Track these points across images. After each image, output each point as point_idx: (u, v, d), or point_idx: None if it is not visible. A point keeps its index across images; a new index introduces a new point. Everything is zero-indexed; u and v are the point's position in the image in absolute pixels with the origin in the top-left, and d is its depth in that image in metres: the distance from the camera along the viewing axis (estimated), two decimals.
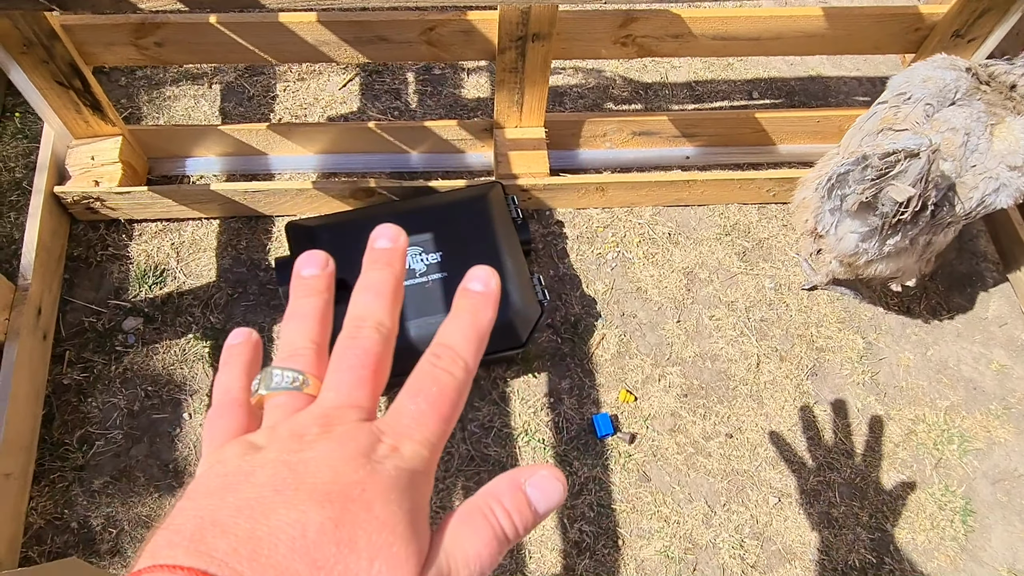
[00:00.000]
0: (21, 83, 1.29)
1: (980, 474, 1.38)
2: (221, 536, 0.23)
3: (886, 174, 1.05)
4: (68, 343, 1.38)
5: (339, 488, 0.25)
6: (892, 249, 1.17)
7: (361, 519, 0.25)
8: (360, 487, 0.26)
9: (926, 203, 1.07)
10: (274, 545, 0.23)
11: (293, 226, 1.35)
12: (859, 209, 1.13)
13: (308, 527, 0.24)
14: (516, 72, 1.38)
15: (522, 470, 0.30)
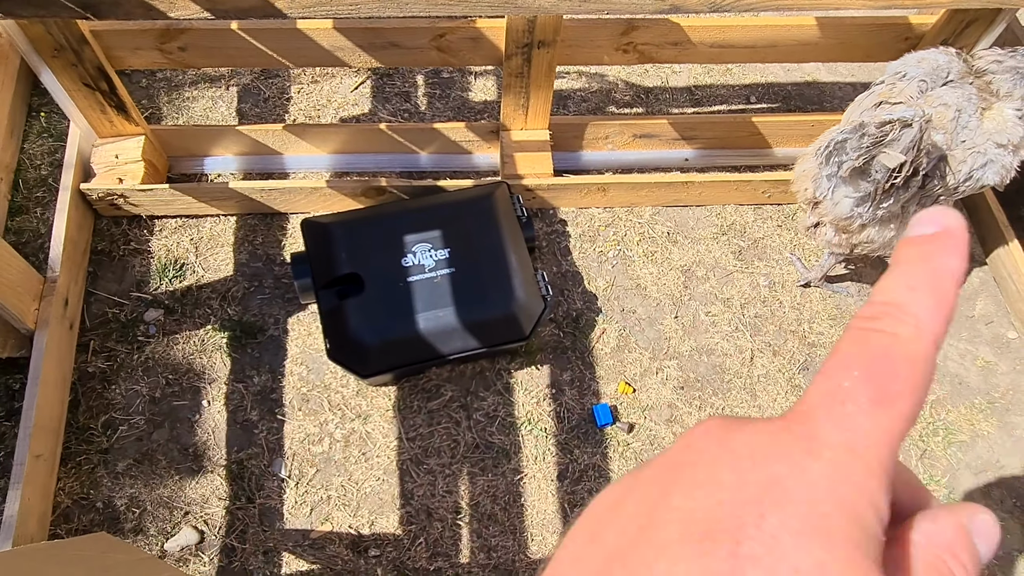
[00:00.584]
0: (50, 84, 1.36)
1: (963, 465, 1.44)
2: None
3: (880, 141, 1.12)
4: (93, 333, 1.45)
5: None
6: (885, 213, 1.23)
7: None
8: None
9: (917, 169, 1.14)
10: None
11: (308, 223, 1.42)
12: (853, 175, 1.19)
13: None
14: (522, 77, 1.44)
15: (961, 510, 0.22)
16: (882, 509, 0.18)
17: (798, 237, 1.65)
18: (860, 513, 0.17)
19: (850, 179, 1.21)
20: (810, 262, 1.61)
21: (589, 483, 1.38)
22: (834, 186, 1.25)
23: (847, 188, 1.23)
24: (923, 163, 1.14)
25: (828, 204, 1.27)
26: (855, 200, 1.23)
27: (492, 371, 1.46)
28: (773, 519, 0.17)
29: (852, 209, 1.25)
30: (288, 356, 1.45)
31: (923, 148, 1.12)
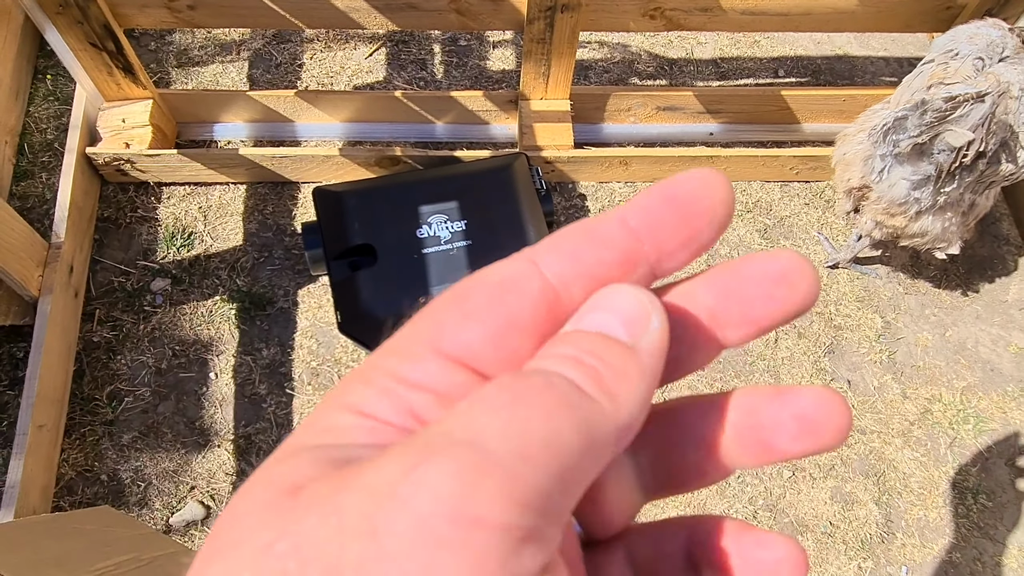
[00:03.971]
0: (56, 43, 1.31)
1: (995, 454, 1.39)
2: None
3: (946, 118, 1.05)
4: (98, 302, 1.41)
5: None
6: (945, 199, 1.16)
7: None
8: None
9: (985, 151, 1.07)
10: None
11: (320, 191, 1.37)
12: (912, 154, 1.12)
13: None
14: (544, 43, 1.38)
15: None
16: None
17: (826, 216, 1.59)
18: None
19: (908, 158, 1.14)
20: (839, 242, 1.55)
21: None
22: (889, 167, 1.18)
23: (904, 169, 1.16)
24: (990, 144, 1.07)
25: (882, 187, 1.20)
26: (913, 183, 1.17)
27: None
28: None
29: (908, 193, 1.18)
30: (298, 329, 1.41)
31: (992, 127, 1.05)
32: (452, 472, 0.13)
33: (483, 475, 0.13)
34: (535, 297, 0.17)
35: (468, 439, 0.14)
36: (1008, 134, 1.10)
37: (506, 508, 0.13)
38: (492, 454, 0.13)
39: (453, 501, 0.13)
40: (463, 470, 0.13)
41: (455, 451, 0.14)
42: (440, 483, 0.13)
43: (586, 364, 0.16)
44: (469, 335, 0.16)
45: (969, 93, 1.04)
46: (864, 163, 1.22)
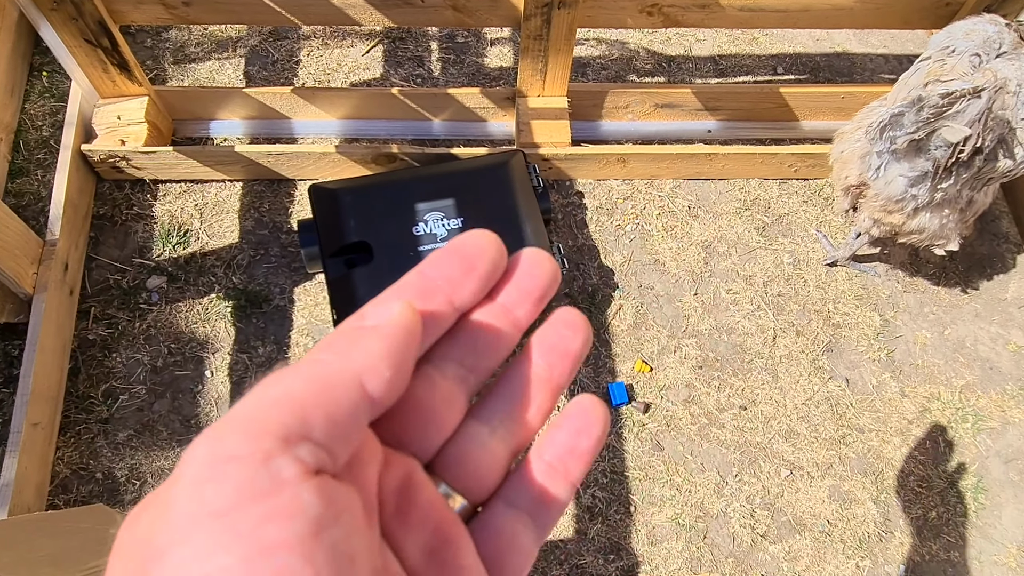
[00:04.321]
0: (50, 40, 1.31)
1: (993, 453, 1.38)
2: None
3: (942, 114, 1.04)
4: (94, 299, 1.41)
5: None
6: (943, 196, 1.16)
7: None
8: None
9: (982, 147, 1.06)
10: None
11: (316, 189, 1.36)
12: (908, 150, 1.12)
13: None
14: (541, 39, 1.38)
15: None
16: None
17: (824, 213, 1.58)
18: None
19: (905, 155, 1.13)
20: (837, 240, 1.55)
21: (602, 463, 1.33)
22: (886, 163, 1.18)
23: (901, 166, 1.16)
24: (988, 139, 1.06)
25: (879, 184, 1.20)
26: (910, 180, 1.16)
27: None
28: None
29: (906, 190, 1.17)
30: (294, 327, 1.40)
31: (989, 122, 1.04)
32: (205, 437, 0.18)
33: (224, 431, 0.18)
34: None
35: (229, 414, 0.19)
36: (1006, 130, 1.09)
37: (246, 442, 0.18)
38: (233, 416, 0.18)
39: (208, 452, 0.18)
40: (211, 433, 0.18)
41: (213, 426, 0.18)
42: (199, 447, 0.18)
43: (331, 341, 0.21)
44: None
45: (965, 89, 1.04)
46: (861, 160, 1.21)
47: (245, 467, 0.17)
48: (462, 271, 0.24)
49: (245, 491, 0.17)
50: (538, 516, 0.25)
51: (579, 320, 0.26)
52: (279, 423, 0.18)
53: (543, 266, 0.25)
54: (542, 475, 0.25)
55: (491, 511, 0.25)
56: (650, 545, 1.28)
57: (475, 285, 0.24)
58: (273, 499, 0.17)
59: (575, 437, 0.25)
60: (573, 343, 0.25)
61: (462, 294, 0.24)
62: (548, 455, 0.25)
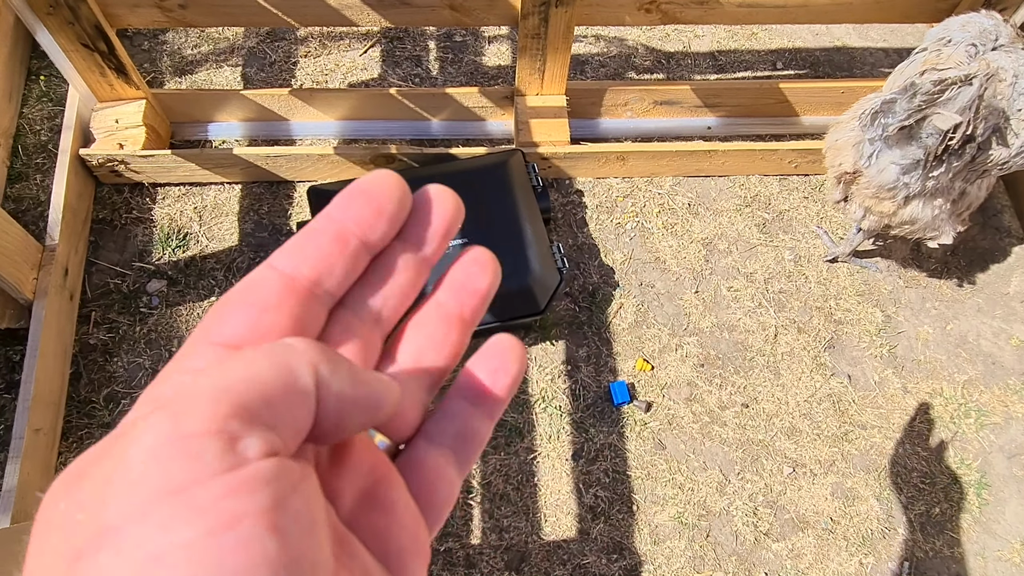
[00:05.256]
0: (47, 44, 1.30)
1: (996, 448, 1.38)
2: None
3: (934, 101, 1.04)
4: (94, 304, 1.41)
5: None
6: (934, 184, 1.15)
7: None
8: None
9: (974, 135, 1.06)
10: None
11: (315, 190, 1.36)
12: (900, 138, 1.11)
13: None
14: (539, 38, 1.37)
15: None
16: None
17: (825, 210, 1.58)
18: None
19: (897, 142, 1.13)
20: (838, 236, 1.54)
21: (605, 463, 1.33)
22: (878, 151, 1.17)
23: (893, 153, 1.15)
24: (979, 129, 1.05)
25: (871, 172, 1.19)
26: (902, 168, 1.16)
27: None
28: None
29: (898, 178, 1.17)
30: None
31: (981, 111, 1.03)
32: (164, 414, 0.18)
33: (186, 408, 0.18)
34: (274, 284, 0.22)
35: (185, 392, 0.18)
36: (1001, 120, 1.09)
37: (209, 420, 0.18)
38: (197, 393, 0.18)
39: (169, 428, 0.17)
40: (171, 409, 0.18)
41: (172, 402, 0.18)
42: (157, 423, 0.18)
43: (310, 347, 0.21)
44: (232, 323, 0.22)
45: (957, 76, 1.03)
46: (854, 148, 1.21)
47: (207, 444, 0.17)
48: (372, 213, 0.24)
49: (208, 467, 0.17)
50: (459, 451, 0.26)
51: (487, 258, 0.26)
52: (240, 404, 0.18)
53: (447, 202, 0.26)
54: (462, 413, 0.26)
55: (414, 448, 0.25)
56: (653, 544, 1.28)
57: (385, 226, 0.24)
58: (234, 474, 0.17)
59: (492, 376, 0.26)
60: (481, 281, 0.26)
61: (373, 236, 0.24)
62: (467, 393, 0.26)
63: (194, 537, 0.16)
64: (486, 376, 0.26)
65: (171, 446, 0.17)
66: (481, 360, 0.26)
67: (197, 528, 0.16)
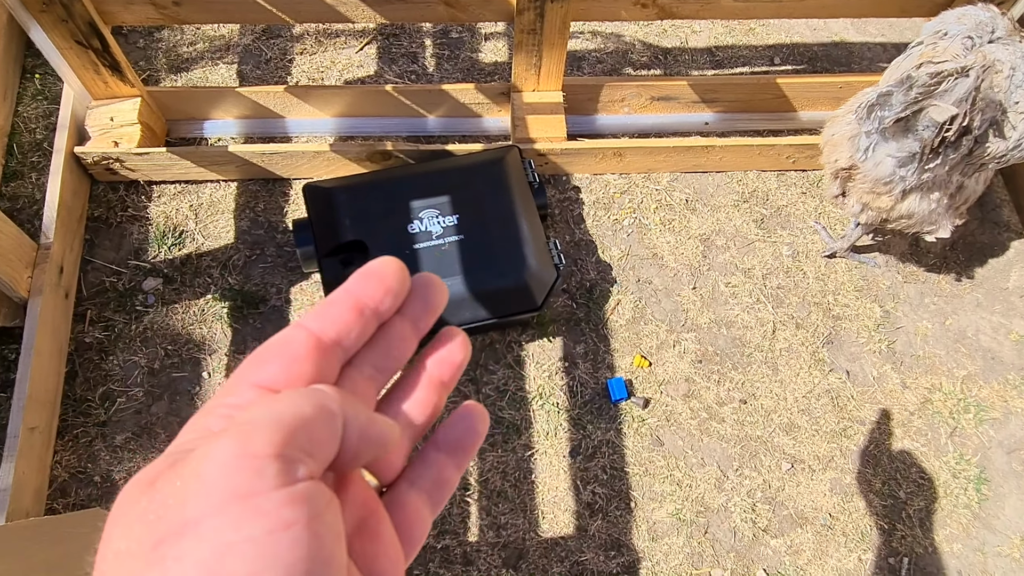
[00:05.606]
0: (41, 42, 1.30)
1: (996, 443, 1.38)
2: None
3: (930, 93, 1.03)
4: (90, 302, 1.40)
5: None
6: (930, 177, 1.14)
7: None
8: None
9: (970, 127, 1.05)
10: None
11: (311, 188, 1.36)
12: (896, 130, 1.11)
13: None
14: (534, 34, 1.37)
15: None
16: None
17: (823, 205, 1.57)
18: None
19: (893, 135, 1.12)
20: (836, 231, 1.54)
21: (602, 460, 1.32)
22: (875, 144, 1.17)
23: (890, 146, 1.15)
24: (976, 121, 1.05)
25: (868, 165, 1.19)
26: (898, 160, 1.15)
27: (502, 343, 1.40)
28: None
29: (894, 171, 1.16)
30: None
31: (978, 103, 1.03)
32: (233, 437, 0.22)
33: (253, 433, 0.22)
34: (304, 341, 0.27)
35: (246, 420, 0.23)
36: (998, 113, 1.08)
37: (271, 445, 0.22)
38: (259, 423, 0.23)
39: (238, 447, 0.22)
40: (240, 434, 0.22)
41: (236, 428, 0.23)
42: (227, 443, 0.22)
43: (340, 394, 0.26)
44: (268, 370, 0.27)
45: (953, 68, 1.03)
46: (850, 142, 1.20)
47: (268, 464, 0.22)
48: (383, 291, 0.29)
49: (269, 482, 0.22)
50: (434, 495, 0.31)
51: (462, 339, 0.32)
52: (292, 436, 0.23)
53: (436, 286, 0.31)
54: (438, 463, 0.31)
55: (397, 489, 0.31)
56: (651, 541, 1.27)
57: (391, 302, 0.29)
58: (288, 489, 0.22)
59: (464, 434, 0.32)
60: (458, 355, 0.31)
61: (382, 308, 0.29)
62: (443, 447, 0.32)
63: (259, 534, 0.21)
64: (458, 434, 0.32)
65: (240, 461, 0.22)
66: (454, 420, 0.32)
67: (261, 527, 0.21)
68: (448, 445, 0.32)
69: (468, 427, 0.32)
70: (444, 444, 0.32)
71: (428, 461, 0.31)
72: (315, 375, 0.27)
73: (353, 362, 0.30)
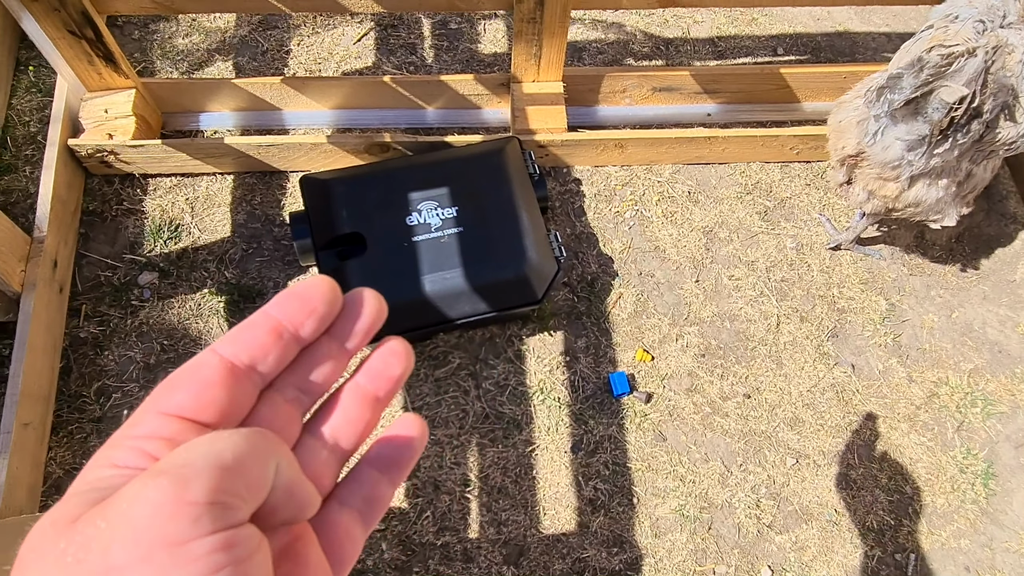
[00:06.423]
0: (33, 32, 1.28)
1: (1003, 437, 1.36)
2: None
3: (941, 74, 1.01)
4: (84, 297, 1.38)
5: None
6: (939, 162, 1.12)
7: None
8: None
9: (981, 109, 1.03)
10: None
11: (307, 180, 1.34)
12: (906, 113, 1.09)
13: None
14: (534, 23, 1.34)
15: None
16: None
17: (828, 196, 1.55)
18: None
19: (903, 118, 1.10)
20: (841, 223, 1.52)
21: (604, 455, 1.30)
22: (883, 127, 1.14)
23: (899, 129, 1.13)
24: (987, 104, 1.03)
25: (876, 149, 1.17)
26: (907, 144, 1.13)
27: (502, 337, 1.38)
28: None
29: (902, 155, 1.14)
30: None
31: (989, 85, 1.01)
32: (169, 481, 0.22)
33: (192, 479, 0.22)
34: (216, 367, 0.26)
35: (183, 463, 0.22)
36: (1010, 97, 1.06)
37: (210, 493, 0.22)
38: (197, 466, 0.22)
39: (174, 494, 0.21)
40: (178, 478, 0.22)
41: (174, 471, 0.22)
42: (162, 487, 0.22)
43: (269, 437, 0.25)
44: (177, 397, 0.26)
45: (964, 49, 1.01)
46: (859, 126, 1.18)
47: (204, 511, 0.22)
48: (304, 313, 0.28)
49: (202, 529, 0.22)
50: (366, 513, 0.30)
51: (403, 349, 0.31)
52: (231, 484, 0.23)
53: (371, 304, 0.30)
54: (370, 480, 0.30)
55: (327, 509, 0.30)
56: (654, 537, 1.26)
57: (315, 324, 0.28)
58: (222, 535, 0.22)
59: (399, 451, 0.31)
60: (396, 369, 0.30)
61: (303, 332, 0.28)
62: (376, 463, 0.31)
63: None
64: (393, 450, 0.31)
65: (175, 508, 0.21)
66: (390, 435, 0.31)
67: (190, 573, 0.21)
68: (382, 462, 0.31)
69: (404, 443, 0.31)
70: (378, 461, 0.31)
71: (360, 479, 0.30)
72: (227, 402, 0.26)
73: (275, 384, 0.29)
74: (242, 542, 0.23)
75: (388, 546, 1.22)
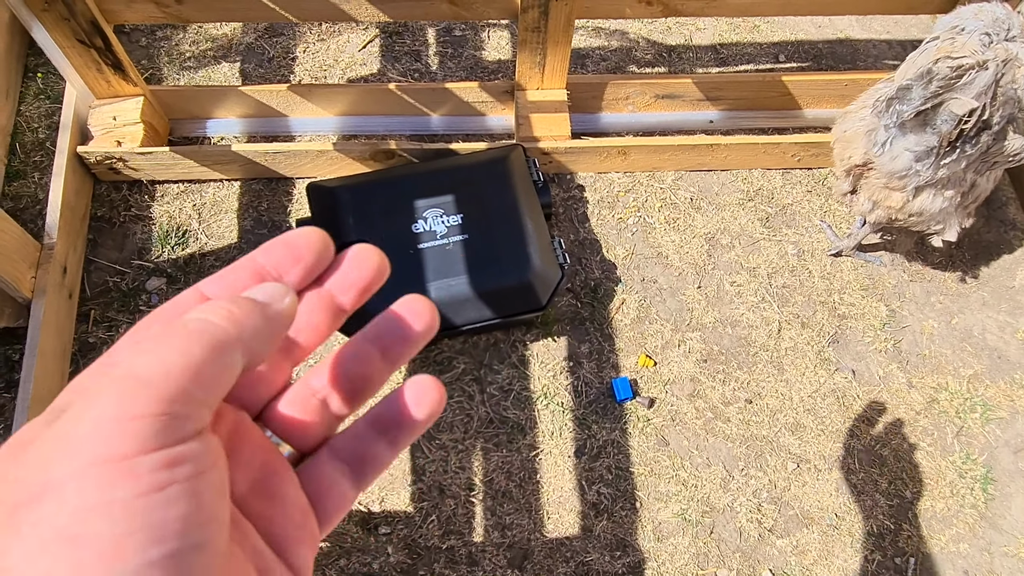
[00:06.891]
0: (43, 41, 1.29)
1: (1002, 443, 1.37)
2: None
3: (951, 86, 1.03)
4: (93, 302, 1.40)
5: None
6: (946, 174, 1.14)
7: None
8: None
9: (990, 121, 1.05)
10: None
11: (314, 187, 1.35)
12: (915, 124, 1.10)
13: None
14: (539, 32, 1.36)
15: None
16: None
17: (829, 203, 1.56)
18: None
19: (912, 129, 1.12)
20: (842, 230, 1.53)
21: (607, 460, 1.32)
22: (892, 138, 1.16)
23: (907, 140, 1.14)
24: (995, 116, 1.04)
25: (884, 159, 1.18)
26: (915, 155, 1.14)
27: (507, 343, 1.39)
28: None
29: (910, 165, 1.16)
30: None
31: (998, 97, 1.02)
32: (112, 396, 0.21)
33: (136, 391, 0.21)
34: (195, 304, 0.26)
35: (128, 374, 0.21)
36: (1016, 109, 1.08)
37: (156, 403, 0.21)
38: (143, 378, 0.21)
39: (117, 407, 0.20)
40: (121, 392, 0.21)
41: (118, 384, 0.21)
42: (108, 397, 0.21)
43: (225, 308, 0.24)
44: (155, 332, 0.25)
45: (974, 62, 1.02)
46: (867, 136, 1.20)
47: (148, 426, 0.21)
48: (290, 260, 0.27)
49: (145, 445, 0.20)
50: (357, 469, 0.29)
51: (423, 307, 0.29)
52: (180, 390, 0.21)
53: (370, 260, 0.29)
54: (367, 437, 0.29)
55: (317, 457, 0.29)
56: (656, 541, 1.27)
57: (301, 273, 0.28)
58: (168, 451, 0.21)
59: (401, 411, 0.29)
60: (414, 327, 0.29)
61: (288, 279, 0.28)
62: (374, 421, 0.29)
63: (127, 496, 0.20)
64: (397, 410, 0.29)
65: (115, 424, 0.20)
66: (398, 394, 0.29)
67: (131, 489, 0.20)
68: (380, 420, 0.29)
69: (408, 401, 0.29)
70: (376, 419, 0.29)
71: (356, 434, 0.29)
72: None
73: None
74: (193, 458, 0.21)
75: (394, 549, 1.24)
